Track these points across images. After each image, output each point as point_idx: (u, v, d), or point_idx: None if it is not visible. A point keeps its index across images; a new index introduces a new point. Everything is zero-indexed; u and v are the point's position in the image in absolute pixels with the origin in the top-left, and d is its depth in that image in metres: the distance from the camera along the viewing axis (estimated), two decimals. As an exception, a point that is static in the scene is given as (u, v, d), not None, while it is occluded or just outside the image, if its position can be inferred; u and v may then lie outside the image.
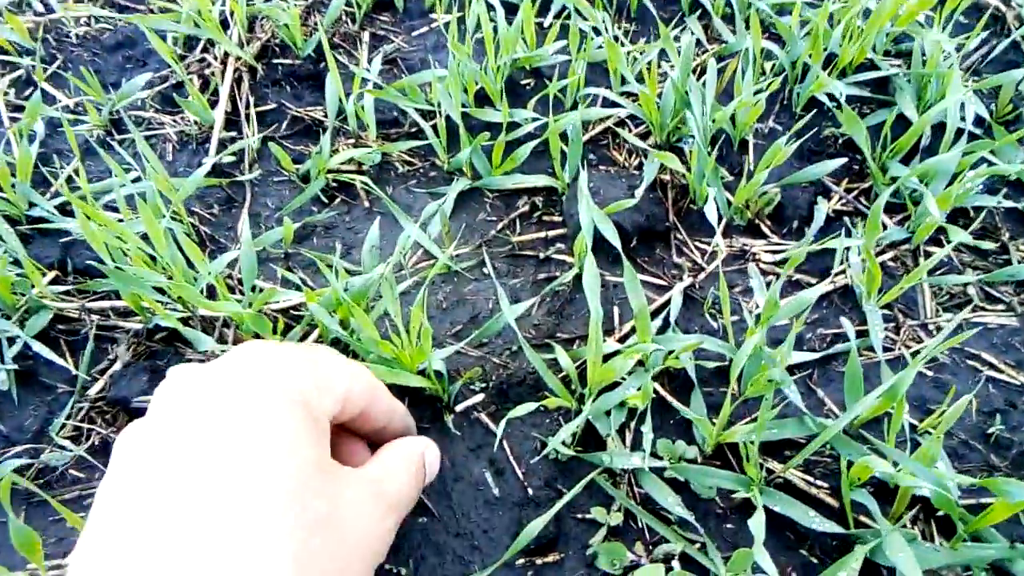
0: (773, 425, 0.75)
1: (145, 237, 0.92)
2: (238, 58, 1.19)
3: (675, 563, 0.70)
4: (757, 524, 0.63)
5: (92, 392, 0.85)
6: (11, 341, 0.87)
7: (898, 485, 0.69)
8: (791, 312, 0.77)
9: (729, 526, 0.74)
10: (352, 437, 0.65)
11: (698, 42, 1.18)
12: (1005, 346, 0.85)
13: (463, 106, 1.09)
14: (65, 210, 1.02)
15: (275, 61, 1.21)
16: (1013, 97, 1.05)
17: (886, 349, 0.84)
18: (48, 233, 0.99)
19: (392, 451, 0.61)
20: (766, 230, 0.99)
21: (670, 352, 0.81)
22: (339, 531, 0.45)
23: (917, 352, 0.84)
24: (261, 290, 0.91)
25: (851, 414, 0.69)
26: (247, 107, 1.15)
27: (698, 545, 0.71)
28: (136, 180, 1.03)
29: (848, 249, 0.91)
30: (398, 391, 0.85)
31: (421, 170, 1.09)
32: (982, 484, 0.63)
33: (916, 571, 0.60)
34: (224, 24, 1.25)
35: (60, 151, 1.11)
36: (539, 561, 0.74)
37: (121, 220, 0.96)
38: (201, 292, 0.86)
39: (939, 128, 1.03)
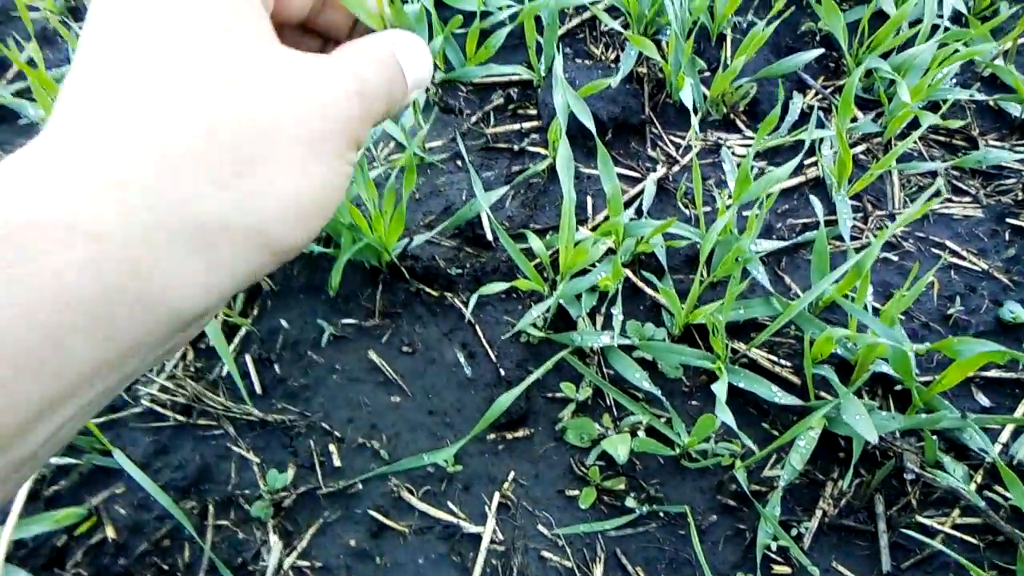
0: (740, 305, 0.77)
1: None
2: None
3: (640, 433, 0.72)
4: (720, 388, 0.65)
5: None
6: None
7: (857, 361, 0.71)
8: (762, 190, 0.77)
9: (694, 403, 0.76)
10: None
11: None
12: (969, 235, 0.86)
13: (437, -5, 1.05)
14: (23, 96, 0.98)
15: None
16: (992, -9, 1.04)
17: (854, 238, 0.85)
18: (6, 118, 0.95)
19: (363, 44, 0.38)
20: (741, 124, 0.98)
21: (642, 239, 0.82)
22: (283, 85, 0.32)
23: (884, 241, 0.86)
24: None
25: (817, 289, 0.70)
26: None
27: (664, 419, 0.73)
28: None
29: (821, 141, 0.91)
30: (371, 273, 0.85)
31: (393, 63, 1.06)
32: (936, 347, 0.65)
33: (872, 433, 0.62)
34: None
35: (17, 35, 1.07)
36: (509, 436, 0.75)
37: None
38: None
39: (918, 26, 1.02)
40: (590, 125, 0.84)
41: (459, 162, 0.96)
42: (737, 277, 0.72)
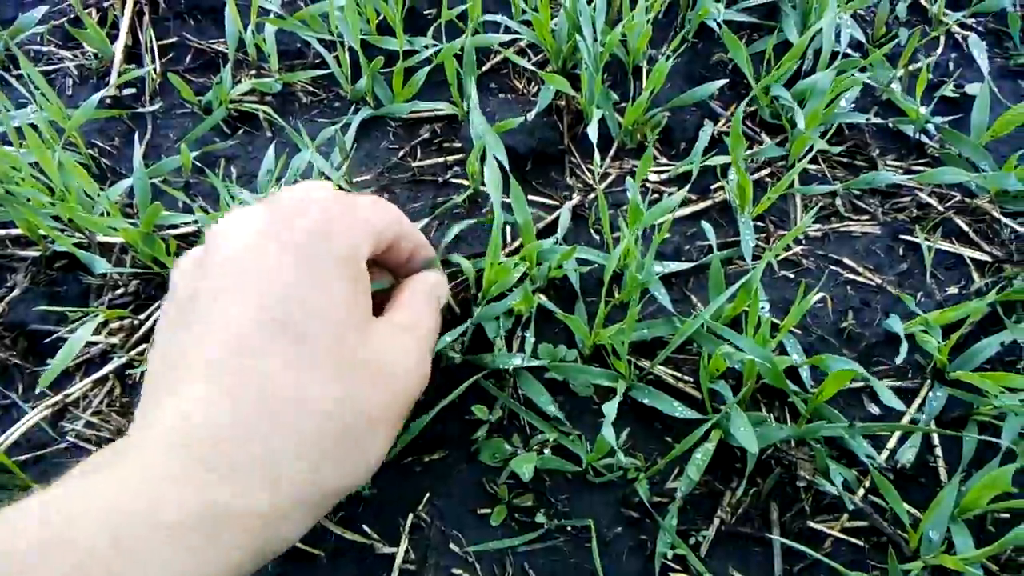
0: (644, 326, 0.81)
1: (39, 166, 0.93)
2: (137, -10, 1.18)
3: (547, 451, 0.75)
4: (610, 407, 0.69)
5: (-10, 318, 0.87)
6: (-97, 270, 0.87)
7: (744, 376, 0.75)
8: (656, 217, 0.82)
9: (603, 420, 0.79)
10: (377, 267, 0.68)
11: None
12: (866, 252, 0.91)
13: (364, 35, 1.10)
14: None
15: (176, -6, 1.20)
16: (889, 19, 1.10)
17: (756, 258, 0.90)
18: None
19: (415, 293, 0.63)
20: (655, 152, 1.03)
21: (552, 265, 0.86)
22: (382, 374, 0.51)
23: (786, 260, 0.90)
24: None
25: (710, 308, 0.74)
26: (148, 40, 1.15)
27: (572, 437, 0.77)
28: (33, 112, 1.02)
29: (728, 166, 0.96)
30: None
31: (325, 101, 1.10)
32: (811, 362, 0.69)
33: (753, 443, 0.66)
34: (123, -44, 1.22)
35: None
36: (426, 458, 0.78)
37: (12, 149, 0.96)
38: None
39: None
40: (503, 159, 0.89)
41: (386, 195, 1.00)
42: (636, 299, 0.75)
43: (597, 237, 0.93)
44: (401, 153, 1.04)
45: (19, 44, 1.13)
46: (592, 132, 0.92)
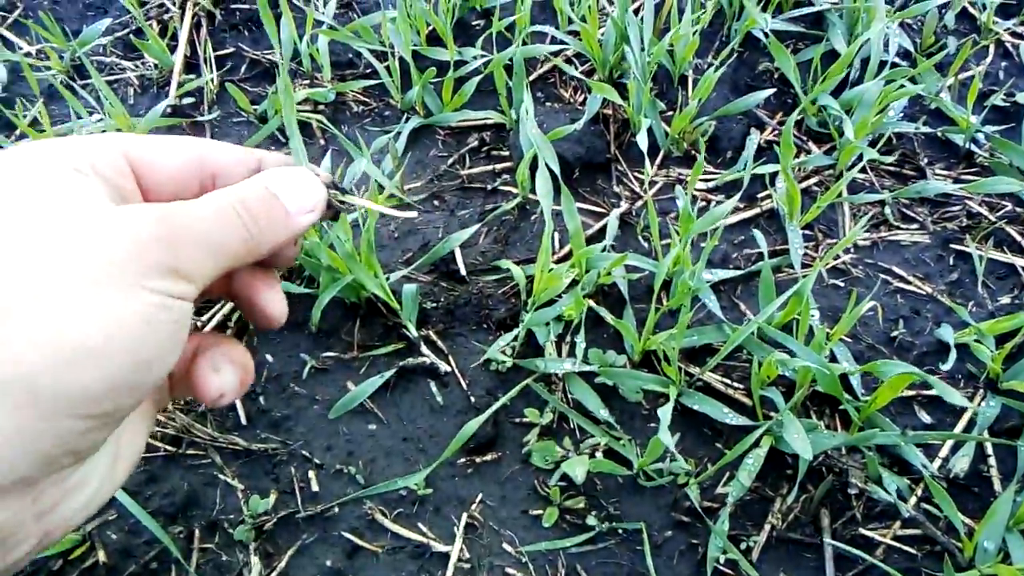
0: (693, 332, 0.82)
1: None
2: (196, 3, 1.22)
3: (598, 455, 0.76)
4: (665, 411, 0.70)
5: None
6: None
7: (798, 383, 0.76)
8: (707, 225, 0.83)
9: (652, 425, 0.81)
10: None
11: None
12: (916, 260, 0.91)
13: (415, 46, 1.13)
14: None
15: (233, 6, 1.24)
16: (937, 28, 1.10)
17: (805, 266, 0.90)
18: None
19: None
20: (702, 160, 1.04)
21: (602, 271, 0.87)
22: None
23: (835, 269, 0.90)
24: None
25: (762, 316, 0.75)
26: (206, 51, 1.19)
27: (622, 441, 0.78)
28: (99, 121, 1.06)
29: (776, 175, 0.97)
30: (351, 308, 0.90)
31: (376, 109, 1.13)
32: (864, 368, 0.69)
33: (807, 449, 0.66)
34: (182, -30, 1.27)
35: (24, 95, 1.14)
36: (478, 460, 0.80)
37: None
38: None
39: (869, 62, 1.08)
40: (555, 167, 0.90)
41: (436, 202, 1.02)
42: (687, 306, 0.76)
43: (645, 244, 0.94)
44: (450, 161, 1.06)
45: (85, 54, 1.18)
46: (641, 141, 0.93)
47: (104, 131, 1.01)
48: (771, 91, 1.01)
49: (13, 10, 1.26)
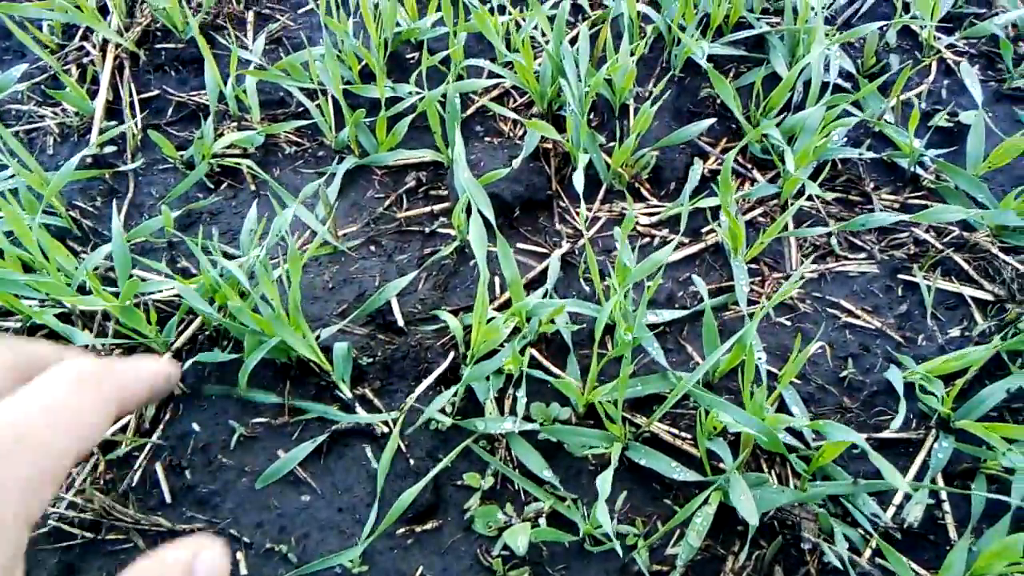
0: (637, 382, 0.78)
1: (11, 235, 0.91)
2: (118, 45, 1.17)
3: (542, 520, 0.73)
4: (604, 480, 0.66)
5: (-30, 395, 0.85)
6: None
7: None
8: (645, 273, 0.79)
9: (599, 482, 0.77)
10: None
11: (580, 8, 1.19)
12: (864, 292, 0.89)
13: (347, 83, 1.08)
14: None
15: (157, 46, 1.19)
16: (878, 49, 1.08)
17: (752, 302, 0.88)
18: None
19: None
20: (645, 193, 1.01)
21: (543, 320, 0.84)
22: None
23: (780, 303, 0.88)
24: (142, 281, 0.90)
25: (704, 367, 0.71)
26: (129, 95, 1.13)
27: (568, 503, 0.74)
28: (10, 177, 1.01)
29: (719, 208, 0.94)
30: (282, 369, 0.86)
31: (309, 150, 1.08)
32: (811, 426, 0.67)
33: (754, 514, 0.63)
34: (103, 10, 1.21)
35: None
36: (419, 529, 0.76)
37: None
38: (80, 288, 0.85)
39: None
40: (489, 213, 0.87)
41: (373, 247, 0.98)
42: (628, 358, 0.73)
43: (588, 288, 0.91)
44: (387, 203, 1.02)
45: (0, 103, 1.12)
46: (578, 180, 0.90)
47: (16, 189, 0.96)
48: (711, 121, 0.99)
49: (-77, 57, 1.20)
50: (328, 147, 1.08)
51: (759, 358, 0.78)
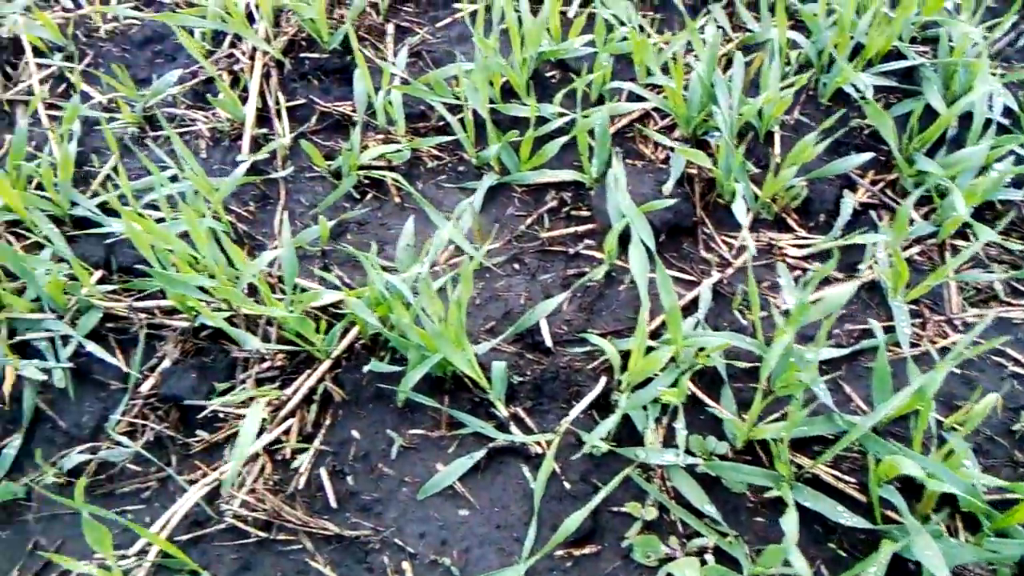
0: (803, 423, 0.78)
1: (186, 236, 0.95)
2: (265, 53, 1.21)
3: (708, 556, 0.73)
4: (789, 523, 0.66)
5: (144, 389, 0.89)
6: (65, 340, 0.90)
7: (924, 487, 0.72)
8: (821, 314, 0.79)
9: (759, 520, 0.77)
10: None
11: (722, 30, 1.18)
12: (1030, 340, 0.86)
13: (490, 100, 1.10)
14: (106, 208, 1.04)
15: (302, 55, 1.22)
16: (1042, 87, 1.05)
17: (912, 344, 0.86)
18: (91, 231, 1.01)
19: None
20: (792, 223, 1.00)
21: (701, 349, 0.84)
22: None
23: (944, 348, 0.86)
24: (303, 289, 0.93)
25: (879, 414, 0.71)
26: (277, 103, 1.17)
27: (730, 539, 0.75)
28: (173, 179, 1.05)
29: (875, 244, 0.93)
30: (436, 382, 0.88)
31: (449, 164, 1.10)
32: (1010, 487, 0.65)
33: (944, 570, 0.63)
34: (250, 18, 1.25)
35: (97, 149, 1.13)
36: (577, 553, 0.77)
37: (162, 220, 0.99)
38: (243, 292, 0.89)
39: (966, 117, 1.03)
40: (650, 242, 0.87)
41: (516, 265, 0.99)
42: (799, 400, 0.73)
43: (740, 317, 0.91)
44: (529, 221, 1.03)
45: (156, 106, 1.16)
46: (739, 211, 0.90)
47: (183, 194, 1.00)
48: (869, 155, 0.97)
49: (83, 58, 1.25)
50: (468, 162, 1.10)
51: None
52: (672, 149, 1.03)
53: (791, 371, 0.78)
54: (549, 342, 0.91)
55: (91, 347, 0.89)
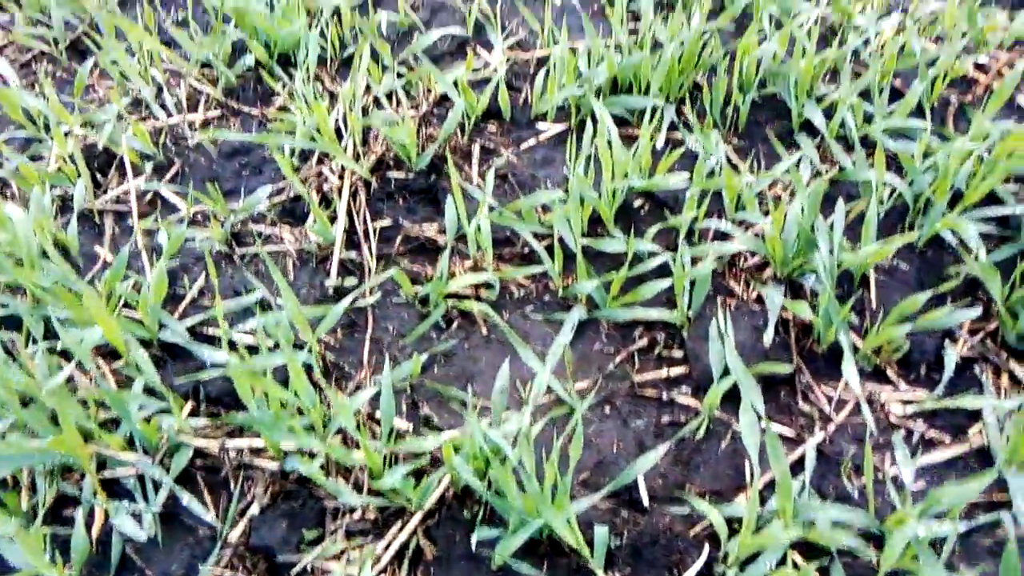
0: (926, 616, 0.74)
1: (280, 370, 0.95)
2: (353, 172, 1.22)
3: None
4: None
5: (233, 538, 0.88)
6: (156, 486, 0.90)
7: None
8: (950, 504, 0.76)
9: None
10: None
11: (811, 162, 1.18)
12: None
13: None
14: (195, 331, 1.05)
15: (388, 174, 1.24)
16: None
17: (1032, 523, 0.82)
18: (179, 357, 1.02)
19: None
20: (893, 375, 0.97)
21: (812, 523, 0.81)
22: None
23: (1064, 527, 0.82)
24: (398, 433, 0.92)
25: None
26: (364, 223, 1.18)
27: None
28: (262, 303, 1.06)
29: (983, 408, 0.90)
30: (531, 543, 0.85)
31: (535, 293, 1.10)
32: None
33: None
34: (338, 134, 1.28)
35: (184, 265, 1.15)
36: None
37: (253, 349, 1.00)
38: (336, 432, 0.88)
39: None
40: (760, 406, 0.85)
41: (607, 408, 0.98)
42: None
43: (848, 483, 0.88)
44: (618, 360, 1.02)
45: (243, 222, 1.18)
46: (847, 369, 0.88)
47: (277, 324, 1.00)
48: (977, 311, 0.95)
49: (171, 167, 1.28)
50: (554, 292, 1.09)
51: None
52: (763, 280, 1.02)
53: (908, 553, 0.75)
54: (646, 501, 0.89)
55: (186, 499, 0.88)
